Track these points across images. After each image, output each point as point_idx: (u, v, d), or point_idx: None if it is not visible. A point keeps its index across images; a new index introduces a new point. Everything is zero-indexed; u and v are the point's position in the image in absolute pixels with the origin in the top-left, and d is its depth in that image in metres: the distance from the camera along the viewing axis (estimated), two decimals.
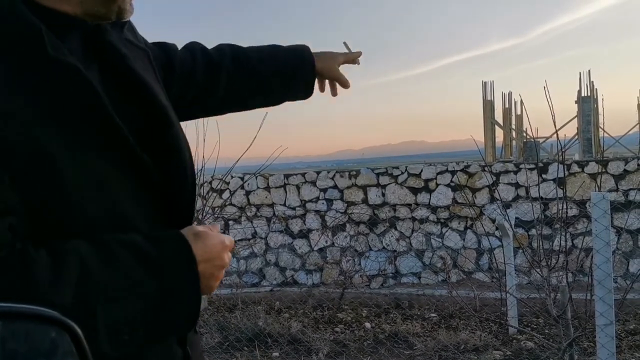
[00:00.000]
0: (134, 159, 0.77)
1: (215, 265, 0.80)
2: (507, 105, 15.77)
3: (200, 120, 4.91)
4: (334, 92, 1.35)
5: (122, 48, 0.84)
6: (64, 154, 0.68)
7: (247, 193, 8.40)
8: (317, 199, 8.11)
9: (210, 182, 7.49)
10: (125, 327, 0.67)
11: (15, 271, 0.63)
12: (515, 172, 7.42)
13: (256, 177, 8.16)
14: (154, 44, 1.05)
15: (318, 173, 8.21)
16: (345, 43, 1.37)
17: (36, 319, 0.55)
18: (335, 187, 8.06)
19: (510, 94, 15.98)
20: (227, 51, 1.20)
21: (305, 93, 1.31)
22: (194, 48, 1.16)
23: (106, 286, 0.67)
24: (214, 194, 7.16)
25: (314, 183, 8.15)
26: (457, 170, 7.62)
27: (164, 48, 1.09)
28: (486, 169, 7.44)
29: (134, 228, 0.75)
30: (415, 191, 7.76)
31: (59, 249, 0.66)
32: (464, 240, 7.57)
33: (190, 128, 4.51)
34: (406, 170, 7.83)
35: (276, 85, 1.26)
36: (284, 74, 1.25)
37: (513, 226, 4.93)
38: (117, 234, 0.72)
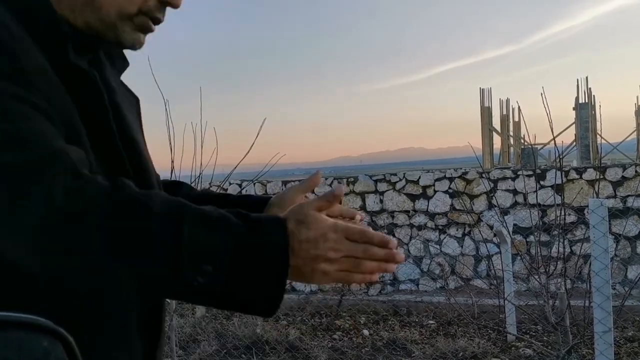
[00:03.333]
0: (123, 165, 0.80)
1: (320, 247, 0.71)
2: (504, 112, 15.81)
3: (198, 125, 4.90)
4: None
5: (113, 83, 0.87)
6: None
7: None
8: None
9: (208, 189, 7.47)
10: (209, 257, 0.64)
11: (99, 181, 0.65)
12: (513, 179, 7.42)
13: (254, 184, 8.15)
14: None
15: None
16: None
17: (29, 327, 0.55)
18: None
19: (507, 100, 16.03)
20: None
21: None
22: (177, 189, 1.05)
23: (196, 212, 0.66)
24: None
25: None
26: (455, 177, 7.62)
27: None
28: (484, 175, 7.44)
29: None
30: (413, 198, 7.76)
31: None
32: (462, 246, 7.57)
33: (188, 134, 4.50)
34: (404, 177, 7.83)
35: None
36: None
37: (511, 233, 4.92)
38: None
